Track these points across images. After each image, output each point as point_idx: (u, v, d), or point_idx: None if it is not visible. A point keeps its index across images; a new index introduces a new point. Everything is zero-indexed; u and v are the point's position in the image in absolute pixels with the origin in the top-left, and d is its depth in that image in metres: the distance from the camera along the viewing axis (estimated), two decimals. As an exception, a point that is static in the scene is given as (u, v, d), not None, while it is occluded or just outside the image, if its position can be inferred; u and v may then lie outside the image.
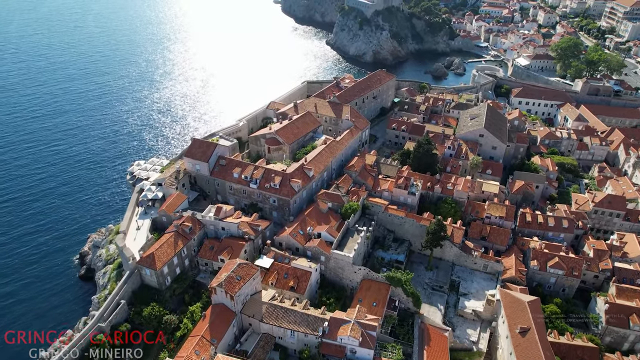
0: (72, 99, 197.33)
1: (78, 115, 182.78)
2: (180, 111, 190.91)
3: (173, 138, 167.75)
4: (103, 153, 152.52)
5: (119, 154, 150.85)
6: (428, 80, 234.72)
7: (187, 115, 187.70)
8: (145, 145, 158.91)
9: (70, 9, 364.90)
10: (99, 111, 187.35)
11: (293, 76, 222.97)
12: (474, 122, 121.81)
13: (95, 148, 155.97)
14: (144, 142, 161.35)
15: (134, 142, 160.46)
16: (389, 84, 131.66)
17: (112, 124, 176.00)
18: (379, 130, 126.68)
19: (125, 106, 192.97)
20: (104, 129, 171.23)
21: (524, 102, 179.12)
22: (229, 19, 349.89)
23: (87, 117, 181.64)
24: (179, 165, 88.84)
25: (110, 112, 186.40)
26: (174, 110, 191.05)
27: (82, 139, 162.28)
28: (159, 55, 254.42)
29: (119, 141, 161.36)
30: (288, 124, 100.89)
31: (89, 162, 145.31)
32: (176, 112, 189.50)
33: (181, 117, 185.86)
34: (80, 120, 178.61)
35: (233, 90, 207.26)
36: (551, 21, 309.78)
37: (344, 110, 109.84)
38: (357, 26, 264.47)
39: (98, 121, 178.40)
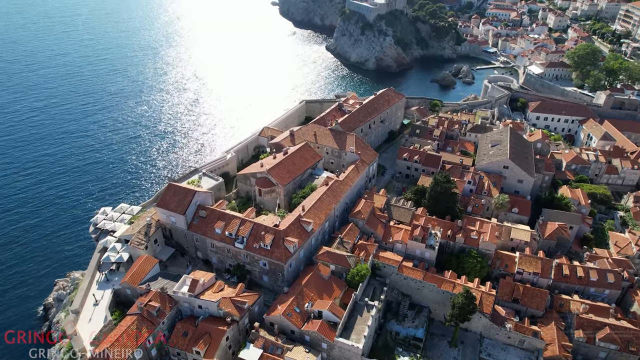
0: (49, 122, 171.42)
1: (50, 142, 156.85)
2: (163, 137, 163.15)
3: (149, 173, 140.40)
4: (72, 188, 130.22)
5: (87, 191, 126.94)
6: (435, 90, 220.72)
7: (171, 142, 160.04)
8: (116, 183, 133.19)
9: (60, 12, 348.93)
10: (74, 138, 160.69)
11: (290, 87, 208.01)
12: (496, 150, 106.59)
13: (63, 181, 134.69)
14: (114, 179, 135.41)
15: (103, 179, 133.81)
16: (398, 104, 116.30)
17: (86, 152, 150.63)
18: (387, 159, 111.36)
19: (103, 130, 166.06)
20: (77, 159, 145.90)
21: (542, 118, 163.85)
22: (225, 21, 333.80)
23: (60, 144, 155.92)
24: (150, 217, 73.53)
25: (86, 139, 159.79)
26: (156, 137, 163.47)
27: (53, 172, 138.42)
28: (149, 63, 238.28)
29: (89, 174, 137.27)
30: (283, 160, 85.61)
31: (58, 196, 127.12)
32: (159, 139, 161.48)
33: (163, 145, 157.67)
34: (52, 148, 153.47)
35: (225, 107, 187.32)
36: (562, 24, 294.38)
37: (348, 141, 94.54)
38: (358, 31, 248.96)
39: (72, 149, 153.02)
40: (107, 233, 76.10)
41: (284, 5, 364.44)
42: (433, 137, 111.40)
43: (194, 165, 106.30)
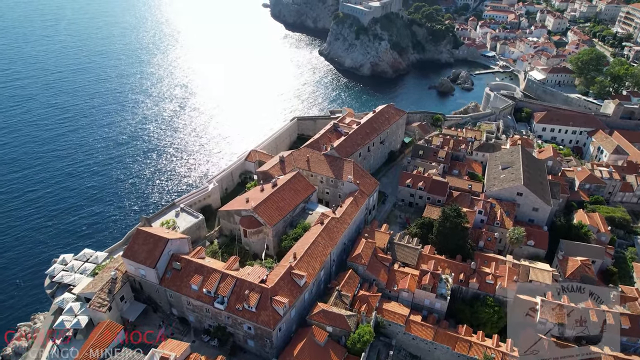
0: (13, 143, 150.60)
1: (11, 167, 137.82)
2: (136, 164, 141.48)
3: (119, 209, 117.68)
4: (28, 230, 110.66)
5: (45, 232, 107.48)
6: (433, 97, 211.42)
7: (145, 170, 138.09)
8: (79, 222, 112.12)
9: (42, 15, 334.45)
10: (38, 163, 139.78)
11: (281, 98, 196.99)
12: (508, 173, 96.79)
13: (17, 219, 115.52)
14: (78, 217, 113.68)
15: (65, 217, 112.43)
16: (398, 122, 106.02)
17: (47, 183, 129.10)
18: (388, 184, 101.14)
19: (66, 155, 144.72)
20: (37, 191, 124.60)
21: (548, 129, 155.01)
22: (214, 24, 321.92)
23: (19, 169, 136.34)
24: (115, 271, 62.62)
25: (49, 165, 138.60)
26: (128, 164, 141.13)
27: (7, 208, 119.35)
28: (135, 69, 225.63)
29: (48, 209, 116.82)
30: (272, 195, 75.00)
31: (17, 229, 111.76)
32: (131, 166, 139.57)
33: (135, 173, 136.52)
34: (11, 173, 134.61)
35: (208, 125, 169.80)
36: (561, 27, 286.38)
37: (346, 168, 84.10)
38: (353, 35, 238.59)
39: (33, 177, 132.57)
40: (65, 288, 65.00)
41: (275, 8, 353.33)
42: (438, 159, 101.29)
43: (170, 199, 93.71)
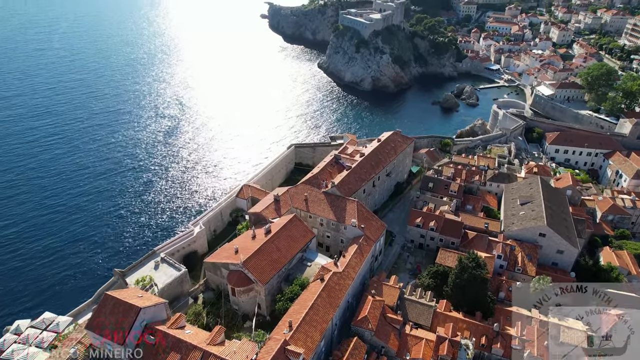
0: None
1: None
2: (112, 202, 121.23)
3: (88, 260, 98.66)
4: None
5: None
6: (437, 113, 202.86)
7: (121, 210, 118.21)
8: (40, 279, 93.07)
9: (35, 27, 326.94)
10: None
11: (276, 113, 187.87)
12: (528, 210, 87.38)
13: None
14: (39, 272, 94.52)
15: (22, 275, 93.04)
16: (405, 151, 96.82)
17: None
18: (395, 220, 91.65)
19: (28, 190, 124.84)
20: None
21: (561, 150, 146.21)
22: (211, 36, 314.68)
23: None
24: (74, 348, 52.74)
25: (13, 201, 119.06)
26: (102, 202, 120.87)
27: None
28: (127, 87, 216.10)
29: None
30: (265, 245, 65.46)
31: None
32: (105, 205, 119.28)
33: (109, 214, 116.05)
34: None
35: (199, 152, 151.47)
36: (566, 39, 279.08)
37: (349, 209, 74.64)
38: (353, 48, 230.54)
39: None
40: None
41: (273, 19, 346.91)
42: (450, 192, 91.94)
43: (152, 244, 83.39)
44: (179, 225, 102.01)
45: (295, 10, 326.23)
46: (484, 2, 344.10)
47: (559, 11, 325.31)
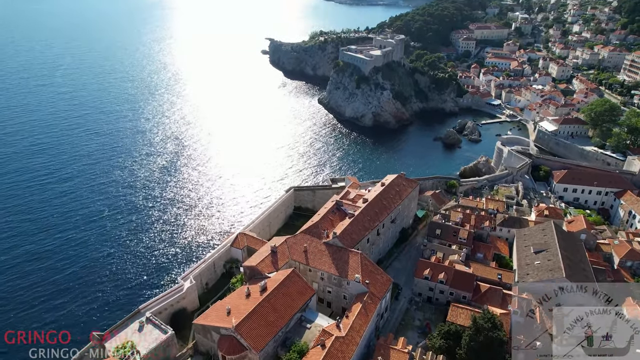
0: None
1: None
2: (104, 248, 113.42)
3: (66, 317, 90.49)
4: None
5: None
6: (439, 150, 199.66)
7: (104, 263, 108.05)
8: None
9: (39, 63, 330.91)
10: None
11: (276, 150, 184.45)
12: (543, 260, 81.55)
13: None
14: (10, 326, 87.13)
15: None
16: (411, 195, 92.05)
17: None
18: (401, 271, 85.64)
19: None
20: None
21: (570, 189, 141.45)
22: (212, 72, 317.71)
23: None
24: None
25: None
26: (94, 249, 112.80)
27: None
28: (126, 122, 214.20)
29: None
30: (259, 306, 59.52)
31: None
32: (88, 258, 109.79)
33: (91, 268, 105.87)
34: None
35: (192, 196, 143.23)
36: (566, 74, 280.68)
37: (352, 263, 68.97)
38: (353, 84, 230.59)
39: None
40: None
41: (274, 55, 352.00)
42: (459, 240, 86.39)
43: (135, 303, 76.03)
44: (168, 278, 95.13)
45: (295, 47, 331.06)
46: (482, 38, 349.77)
47: (556, 47, 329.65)
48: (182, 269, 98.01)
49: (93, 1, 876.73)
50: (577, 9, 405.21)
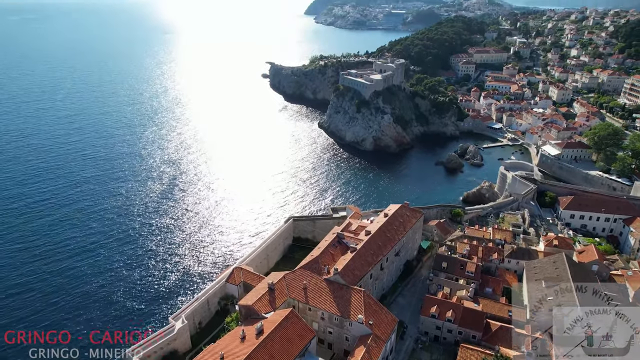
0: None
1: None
2: (90, 283, 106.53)
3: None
4: None
5: None
6: (441, 174, 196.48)
7: (97, 294, 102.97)
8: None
9: (40, 86, 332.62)
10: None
11: (276, 177, 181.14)
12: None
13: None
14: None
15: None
16: (416, 226, 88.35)
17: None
18: (405, 307, 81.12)
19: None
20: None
21: (577, 216, 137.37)
22: (212, 95, 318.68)
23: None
24: None
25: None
26: (80, 282, 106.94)
27: None
28: (124, 147, 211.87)
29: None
30: (254, 352, 54.86)
31: None
32: (83, 287, 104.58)
33: (82, 300, 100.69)
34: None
35: (186, 228, 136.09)
36: (566, 98, 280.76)
37: (354, 302, 64.71)
38: (354, 108, 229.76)
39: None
40: None
41: (274, 79, 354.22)
42: (466, 273, 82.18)
43: (123, 345, 71.13)
44: (160, 316, 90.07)
45: (296, 70, 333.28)
46: (481, 62, 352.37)
47: (555, 71, 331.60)
48: (174, 305, 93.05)
49: (96, 25, 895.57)
50: (574, 34, 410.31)
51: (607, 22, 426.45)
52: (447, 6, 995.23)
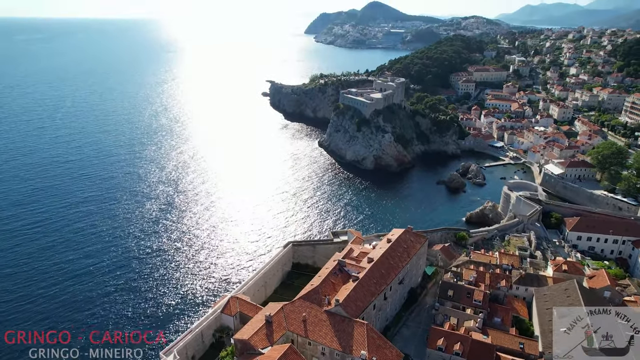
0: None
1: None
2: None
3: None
4: None
5: None
6: (443, 194, 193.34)
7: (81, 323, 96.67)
8: None
9: (40, 105, 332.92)
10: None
11: (274, 197, 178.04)
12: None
13: None
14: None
15: None
16: (420, 252, 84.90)
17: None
18: (410, 339, 76.96)
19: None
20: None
21: (584, 238, 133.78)
22: (211, 113, 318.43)
23: None
24: None
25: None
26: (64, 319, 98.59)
27: None
28: (121, 166, 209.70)
29: None
30: (250, 394, 50.75)
31: None
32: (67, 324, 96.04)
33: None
34: None
35: (181, 255, 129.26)
36: (567, 116, 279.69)
37: (357, 336, 60.92)
38: (354, 127, 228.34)
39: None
40: None
41: (274, 97, 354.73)
42: (473, 302, 78.34)
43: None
44: (152, 353, 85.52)
45: (296, 89, 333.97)
46: (481, 80, 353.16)
47: (555, 89, 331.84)
48: (166, 334, 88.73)
49: (101, 44, 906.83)
50: (573, 52, 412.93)
51: (605, 41, 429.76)
52: (445, 25, 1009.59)
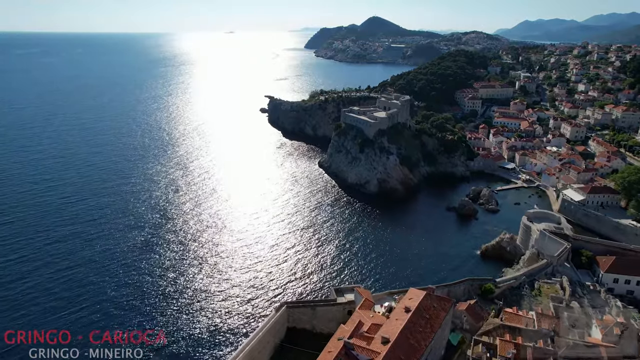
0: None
1: None
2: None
3: None
4: None
5: None
6: (453, 222, 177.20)
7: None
8: None
9: (31, 122, 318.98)
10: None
11: (269, 233, 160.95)
12: None
13: None
14: None
15: None
16: (445, 320, 68.37)
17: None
18: None
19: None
20: None
21: (621, 280, 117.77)
22: (208, 130, 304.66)
23: None
24: None
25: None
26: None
27: None
28: (110, 187, 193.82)
29: None
30: None
31: None
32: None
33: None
34: None
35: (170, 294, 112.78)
36: (580, 135, 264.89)
37: None
38: (356, 148, 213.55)
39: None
40: None
41: (273, 114, 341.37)
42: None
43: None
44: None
45: (295, 106, 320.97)
46: (487, 97, 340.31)
47: (564, 106, 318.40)
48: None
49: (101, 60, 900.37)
50: (579, 69, 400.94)
51: (612, 57, 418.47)
52: (445, 40, 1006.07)
